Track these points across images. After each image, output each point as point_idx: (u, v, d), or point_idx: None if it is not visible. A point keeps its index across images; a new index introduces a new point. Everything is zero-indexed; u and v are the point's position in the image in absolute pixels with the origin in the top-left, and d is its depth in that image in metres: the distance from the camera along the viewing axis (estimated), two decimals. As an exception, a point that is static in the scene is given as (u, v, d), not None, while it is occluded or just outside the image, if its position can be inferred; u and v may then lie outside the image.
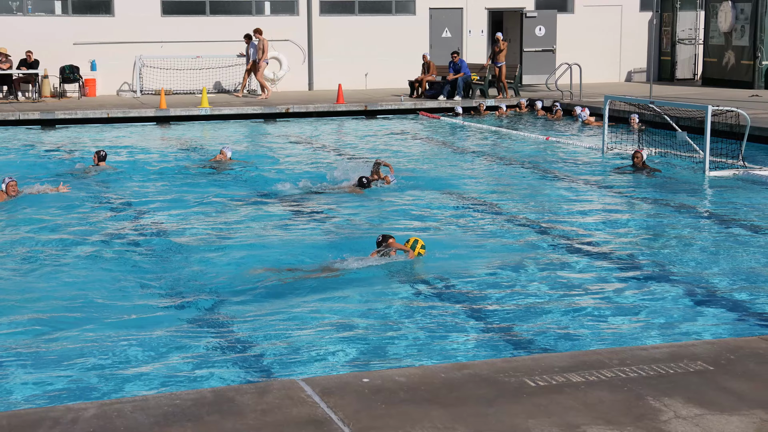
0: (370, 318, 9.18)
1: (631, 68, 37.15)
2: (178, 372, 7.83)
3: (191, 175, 17.94)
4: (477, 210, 14.56)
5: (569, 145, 21.85)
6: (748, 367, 6.68)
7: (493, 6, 35.60)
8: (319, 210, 14.50)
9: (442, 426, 5.71)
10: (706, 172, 17.23)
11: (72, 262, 11.36)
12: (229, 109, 28.22)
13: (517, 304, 9.64)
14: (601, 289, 10.18)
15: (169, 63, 32.27)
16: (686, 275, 10.66)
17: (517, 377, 6.45)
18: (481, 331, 8.85)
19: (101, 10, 31.87)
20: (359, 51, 33.75)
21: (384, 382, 6.37)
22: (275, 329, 8.85)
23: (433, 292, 10.14)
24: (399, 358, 8.14)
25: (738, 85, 32.14)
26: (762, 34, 31.90)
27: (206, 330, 8.95)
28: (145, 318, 9.19)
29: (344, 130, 26.45)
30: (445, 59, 31.67)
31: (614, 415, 5.86)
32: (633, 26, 36.79)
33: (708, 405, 6.01)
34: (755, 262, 11.13)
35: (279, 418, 5.80)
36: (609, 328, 8.90)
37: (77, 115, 26.84)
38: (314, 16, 33.55)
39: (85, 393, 7.39)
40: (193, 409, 5.92)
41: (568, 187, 16.61)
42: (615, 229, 13.26)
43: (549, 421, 5.77)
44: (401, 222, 13.53)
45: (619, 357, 6.87)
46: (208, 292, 10.18)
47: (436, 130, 25.74)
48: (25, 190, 15.20)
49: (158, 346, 8.42)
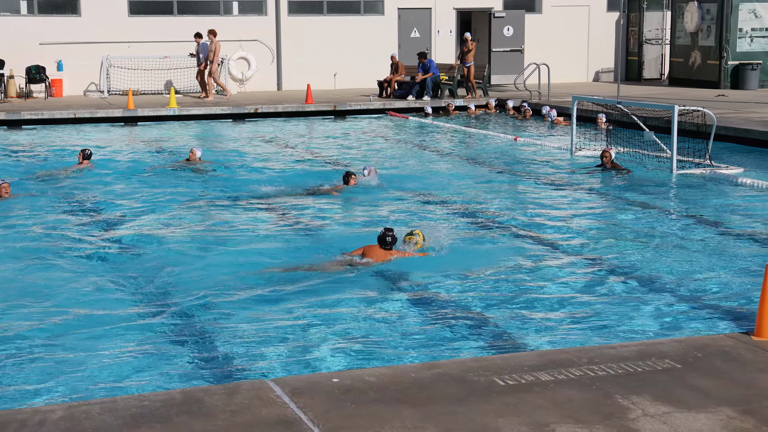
0: (340, 318, 9.17)
1: (599, 68, 37.35)
2: (146, 373, 7.79)
3: (162, 175, 17.85)
4: (445, 210, 14.58)
5: (538, 146, 21.92)
6: (715, 365, 6.73)
7: (461, 6, 35.69)
8: (293, 211, 14.47)
9: (412, 425, 5.71)
10: (674, 172, 17.34)
11: (39, 263, 11.27)
12: (197, 110, 28.11)
13: (486, 304, 9.65)
14: (569, 288, 10.22)
15: (137, 63, 32.12)
16: (654, 274, 10.72)
17: (487, 376, 6.47)
18: (451, 331, 8.86)
19: (67, 9, 31.67)
20: (328, 51, 33.73)
21: (354, 382, 6.37)
22: (245, 330, 8.82)
23: (402, 292, 10.14)
24: (369, 357, 8.13)
25: (704, 84, 32.38)
26: (727, 34, 32.15)
27: (175, 331, 8.90)
28: (114, 319, 9.13)
29: (313, 130, 26.40)
30: (414, 59, 31.69)
31: (583, 413, 5.89)
32: (600, 26, 36.98)
33: (675, 403, 6.05)
34: (722, 261, 11.20)
35: (248, 419, 5.79)
36: (578, 326, 8.93)
37: (44, 115, 26.66)
38: (283, 16, 33.49)
39: (52, 395, 7.34)
40: (162, 411, 5.89)
41: (536, 187, 16.66)
42: (583, 228, 13.32)
43: (518, 420, 5.79)
44: (369, 223, 13.53)
45: (587, 356, 6.90)
46: (178, 293, 10.13)
47: (406, 130, 25.74)
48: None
49: (127, 348, 8.37)
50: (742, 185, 16.12)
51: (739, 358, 6.88)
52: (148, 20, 32.25)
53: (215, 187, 16.73)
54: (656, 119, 19.25)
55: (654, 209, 14.49)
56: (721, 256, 11.40)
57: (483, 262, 11.25)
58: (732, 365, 6.73)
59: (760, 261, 10.94)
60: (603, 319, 9.16)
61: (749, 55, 32.34)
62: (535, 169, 18.46)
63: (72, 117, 26.76)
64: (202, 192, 16.14)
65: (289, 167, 19.19)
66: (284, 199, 15.33)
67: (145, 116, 27.50)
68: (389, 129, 26.26)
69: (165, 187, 16.48)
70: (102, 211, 14.62)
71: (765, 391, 6.25)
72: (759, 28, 32.49)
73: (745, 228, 13.04)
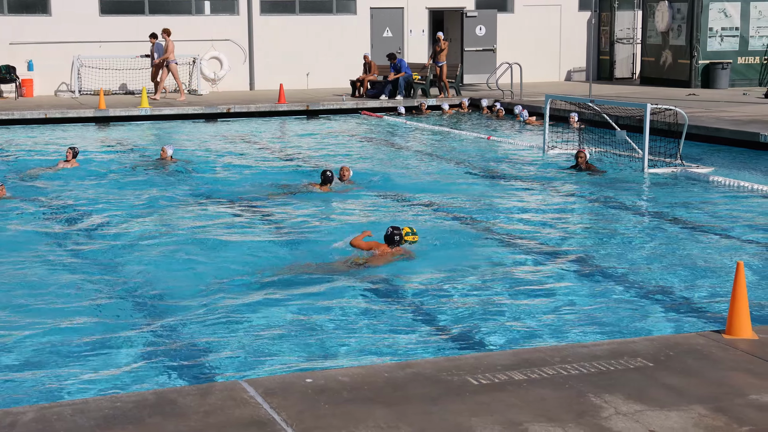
0: (313, 318, 9.16)
1: (571, 67, 37.49)
2: (119, 374, 7.75)
3: (133, 174, 17.78)
4: (418, 209, 14.58)
5: (510, 145, 21.97)
6: (687, 363, 6.77)
7: (433, 6, 35.72)
8: (266, 210, 14.45)
9: (385, 425, 5.71)
10: (645, 170, 17.43)
11: (10, 262, 11.20)
12: (169, 110, 28.01)
13: (459, 303, 9.67)
14: (542, 287, 10.25)
15: (108, 63, 31.95)
16: (625, 272, 10.77)
17: (460, 376, 6.48)
18: (425, 330, 8.87)
19: (38, 9, 31.47)
20: (300, 51, 33.69)
21: (327, 382, 6.37)
22: (218, 330, 8.80)
23: (376, 291, 10.14)
24: (342, 357, 8.13)
25: (675, 83, 32.56)
26: (698, 33, 32.35)
27: (148, 331, 8.86)
28: (86, 320, 9.09)
29: (286, 130, 26.36)
30: (386, 59, 31.68)
31: (556, 412, 5.91)
32: (572, 26, 37.13)
33: (648, 401, 6.08)
34: (693, 259, 11.27)
35: (222, 420, 5.78)
36: (551, 325, 8.96)
37: (14, 115, 26.47)
38: (255, 15, 33.42)
39: (23, 396, 7.29)
40: (135, 412, 5.87)
41: (509, 186, 16.69)
42: (555, 227, 13.35)
43: (492, 419, 5.80)
44: (338, 222, 13.52)
45: (560, 354, 6.93)
46: (151, 293, 10.09)
47: (379, 130, 25.74)
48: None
49: (99, 349, 8.33)
50: (713, 184, 16.22)
51: (711, 356, 6.92)
52: (119, 20, 32.09)
53: (185, 185, 16.67)
54: (628, 118, 19.34)
55: (625, 208, 14.55)
56: (693, 255, 11.47)
57: (456, 261, 11.26)
58: (703, 363, 6.77)
59: (731, 260, 11.01)
60: (576, 318, 9.20)
61: (719, 55, 32.55)
62: (508, 169, 18.49)
63: (43, 117, 26.59)
64: (171, 191, 16.05)
65: (261, 166, 19.15)
66: (259, 198, 15.29)
67: (117, 116, 27.37)
68: (362, 128, 26.24)
69: (138, 186, 16.40)
70: (76, 210, 14.53)
71: (736, 389, 6.30)
72: (729, 28, 32.71)
73: (716, 227, 13.12)
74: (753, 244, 12.05)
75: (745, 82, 32.65)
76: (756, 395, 6.18)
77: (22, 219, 13.86)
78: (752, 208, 14.39)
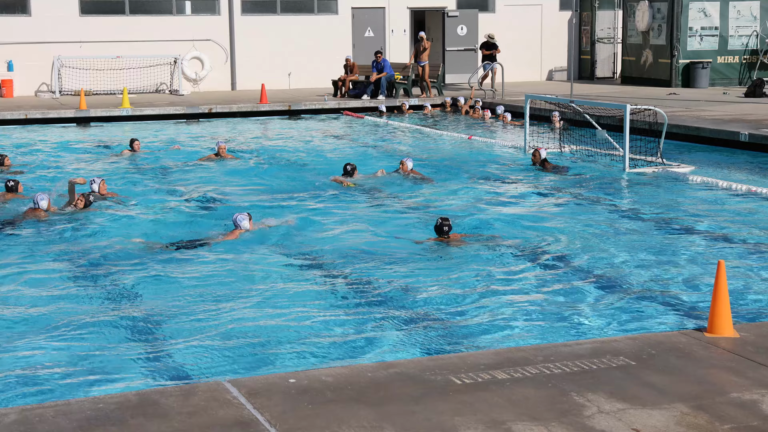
0: (296, 318, 9.15)
1: (552, 67, 37.57)
2: (101, 375, 7.73)
3: (109, 171, 17.74)
4: (398, 209, 14.59)
5: (491, 144, 22.00)
6: (669, 361, 6.80)
7: (415, 5, 35.74)
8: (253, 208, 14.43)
9: (369, 425, 5.71)
10: (626, 170, 17.48)
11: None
12: (150, 110, 27.92)
13: (442, 303, 9.68)
14: (524, 287, 10.27)
15: (89, 63, 31.84)
16: (608, 272, 10.80)
17: (444, 375, 6.49)
18: (408, 330, 8.87)
19: (17, 9, 31.33)
20: (282, 50, 33.65)
21: (310, 382, 6.36)
22: (200, 331, 8.78)
23: (359, 291, 10.14)
24: (326, 357, 8.13)
25: (656, 83, 32.67)
26: (678, 33, 32.46)
27: (129, 332, 8.84)
28: (67, 320, 9.05)
29: (268, 130, 26.32)
30: (368, 59, 31.70)
31: (539, 411, 5.93)
32: (553, 25, 37.21)
33: (630, 399, 6.10)
34: (674, 258, 11.31)
35: (205, 420, 5.77)
36: (534, 325, 8.98)
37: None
38: (236, 15, 33.36)
39: (5, 398, 7.26)
40: (117, 413, 5.86)
41: (489, 185, 16.69)
42: (535, 227, 13.35)
43: (475, 418, 5.81)
44: (324, 220, 13.52)
45: (543, 353, 6.95)
46: (133, 293, 10.07)
47: (361, 130, 25.73)
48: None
49: (80, 350, 8.30)
50: (694, 183, 16.28)
51: (693, 354, 6.95)
52: (100, 20, 31.98)
53: (154, 183, 16.66)
54: (609, 118, 19.40)
55: (606, 208, 14.59)
56: (674, 254, 11.51)
57: (438, 261, 11.28)
58: (685, 362, 6.80)
59: (712, 258, 11.05)
60: (558, 317, 9.22)
61: (699, 54, 32.68)
62: (487, 169, 18.50)
63: (23, 118, 26.47)
64: (143, 190, 16.04)
65: (248, 165, 19.14)
66: (245, 197, 15.28)
67: (98, 117, 27.27)
68: (344, 128, 26.23)
69: (114, 183, 16.36)
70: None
71: (717, 387, 6.33)
72: (709, 27, 32.83)
73: (697, 225, 13.18)
74: (734, 243, 12.11)
75: (725, 82, 32.78)
76: (737, 393, 6.21)
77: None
78: (732, 206, 14.46)
